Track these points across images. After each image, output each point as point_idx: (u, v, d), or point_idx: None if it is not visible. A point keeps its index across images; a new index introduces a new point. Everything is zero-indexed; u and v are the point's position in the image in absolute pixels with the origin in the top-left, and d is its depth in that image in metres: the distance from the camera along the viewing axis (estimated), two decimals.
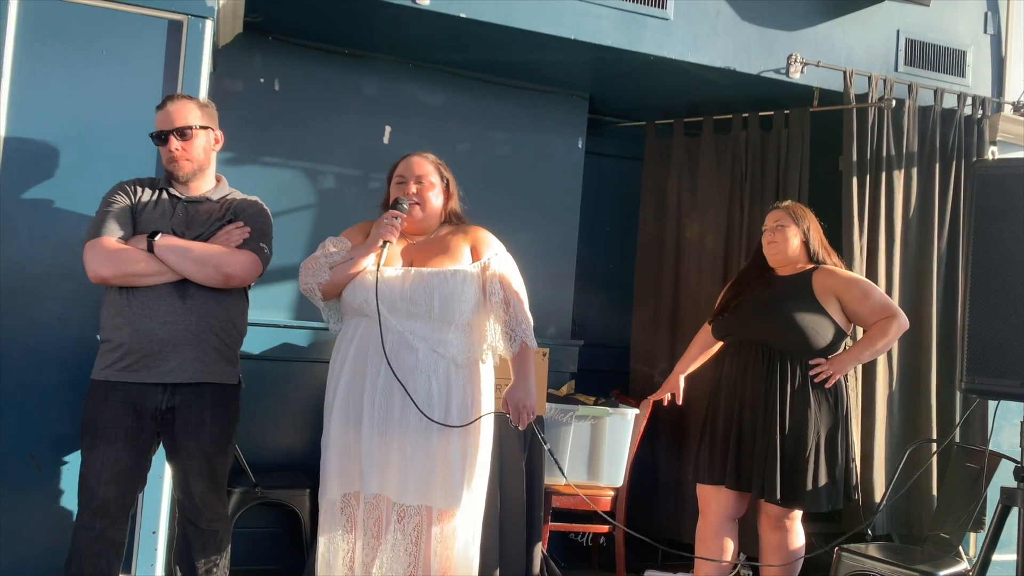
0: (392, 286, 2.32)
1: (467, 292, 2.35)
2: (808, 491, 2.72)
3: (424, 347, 2.31)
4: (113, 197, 2.32)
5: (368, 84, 3.73)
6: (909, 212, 3.73)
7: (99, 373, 2.26)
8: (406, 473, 2.29)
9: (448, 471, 2.32)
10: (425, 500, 2.30)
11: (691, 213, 4.08)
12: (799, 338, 2.77)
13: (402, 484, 2.29)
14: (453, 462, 2.32)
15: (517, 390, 2.38)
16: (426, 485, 2.30)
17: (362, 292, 2.32)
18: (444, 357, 2.33)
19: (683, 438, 3.86)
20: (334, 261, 2.37)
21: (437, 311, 2.31)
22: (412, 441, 2.29)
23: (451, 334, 2.34)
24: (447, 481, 2.31)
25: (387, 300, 2.30)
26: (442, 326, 2.33)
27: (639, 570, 3.73)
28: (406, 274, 2.35)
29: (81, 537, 2.22)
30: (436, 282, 2.32)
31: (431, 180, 2.46)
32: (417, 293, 2.31)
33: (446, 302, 2.31)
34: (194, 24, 2.68)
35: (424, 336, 2.31)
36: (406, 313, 2.31)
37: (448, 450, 2.32)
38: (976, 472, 3.05)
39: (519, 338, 2.38)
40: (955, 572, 2.83)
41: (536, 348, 2.44)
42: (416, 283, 2.33)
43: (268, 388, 3.47)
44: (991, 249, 2.19)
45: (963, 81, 3.91)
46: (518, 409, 2.36)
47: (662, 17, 3.46)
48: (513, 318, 2.39)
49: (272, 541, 3.46)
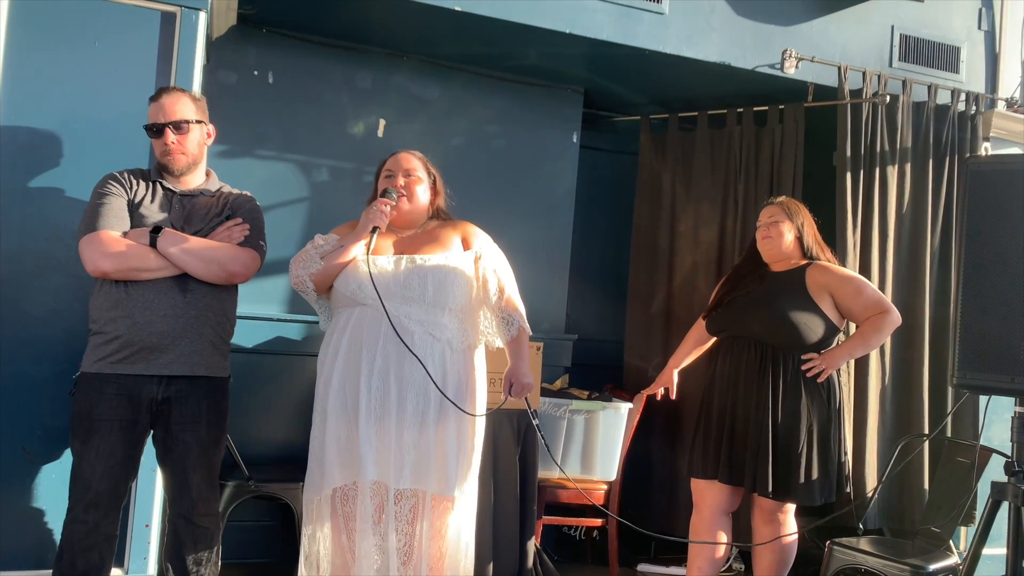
0: (386, 273, 2.36)
1: (459, 279, 2.41)
2: (800, 485, 2.73)
3: (420, 330, 2.35)
4: (106, 188, 2.30)
5: (362, 77, 3.72)
6: (902, 208, 3.74)
7: (92, 366, 2.25)
8: (402, 458, 2.31)
9: (443, 456, 2.35)
10: (420, 484, 2.33)
11: (685, 208, 4.08)
12: (792, 334, 2.78)
13: (399, 469, 2.31)
14: (448, 448, 2.36)
15: (518, 368, 2.48)
16: (421, 470, 2.33)
17: (355, 280, 2.35)
18: (440, 340, 2.38)
19: (676, 433, 3.87)
20: (324, 251, 2.42)
21: (431, 296, 2.36)
22: (409, 426, 2.32)
23: (446, 318, 2.39)
24: (442, 466, 2.35)
25: (382, 286, 2.32)
26: (436, 310, 2.37)
27: (632, 564, 3.75)
28: (399, 261, 2.39)
29: (73, 530, 2.22)
30: (430, 268, 2.37)
31: (419, 175, 2.52)
32: (411, 279, 2.36)
33: (440, 287, 2.36)
34: (187, 16, 2.67)
35: (420, 319, 2.35)
36: (401, 298, 2.34)
37: (444, 436, 2.36)
38: (967, 467, 3.06)
39: (516, 322, 2.47)
40: (946, 566, 2.85)
41: (530, 332, 2.53)
42: (409, 270, 2.37)
43: (262, 381, 3.46)
44: (984, 245, 2.20)
45: (957, 77, 3.92)
46: (520, 385, 2.46)
47: (657, 11, 3.46)
48: (509, 305, 2.48)
49: (266, 534, 3.47)
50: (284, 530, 3.40)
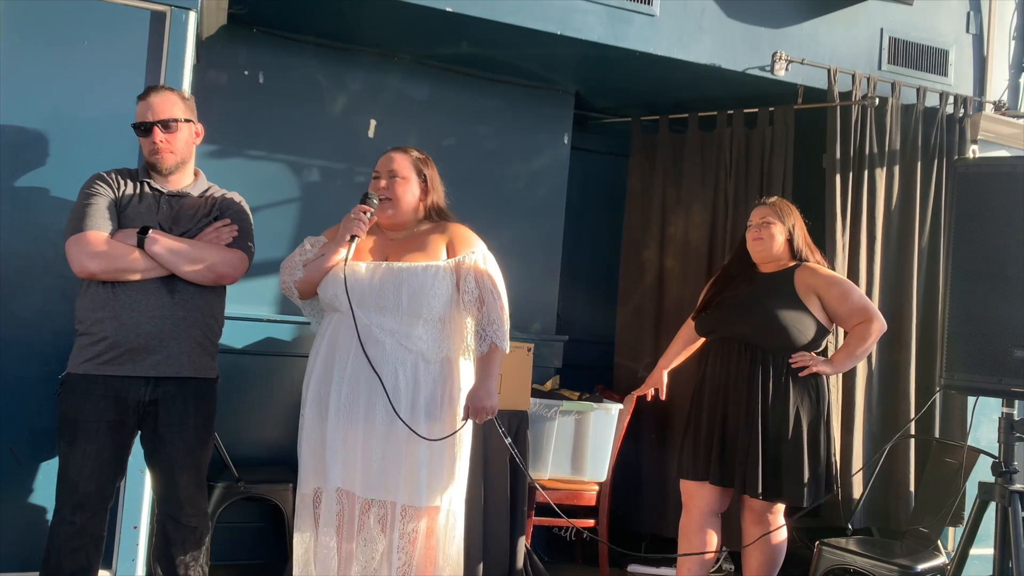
0: (361, 280, 2.34)
1: (437, 287, 2.35)
2: (790, 486, 2.74)
3: (391, 340, 2.31)
4: (93, 188, 2.29)
5: (353, 78, 3.71)
6: (891, 209, 3.76)
7: (78, 367, 2.23)
8: (370, 467, 2.30)
9: (413, 468, 2.31)
10: (388, 495, 2.30)
11: (676, 209, 4.09)
12: (781, 335, 2.79)
13: (366, 478, 2.30)
14: (419, 459, 2.31)
15: (478, 391, 2.37)
16: (389, 480, 2.30)
17: (332, 287, 2.35)
18: (412, 351, 2.33)
19: (666, 433, 3.87)
20: (307, 259, 2.42)
21: (405, 305, 2.32)
22: (377, 435, 2.30)
23: (419, 328, 2.34)
24: (411, 478, 2.31)
25: (356, 294, 2.31)
26: (410, 320, 2.33)
27: (622, 564, 3.75)
28: (376, 268, 2.36)
29: (60, 532, 2.20)
30: (405, 276, 2.33)
31: (404, 175, 2.45)
32: (386, 287, 2.32)
33: (414, 296, 2.31)
34: (177, 15, 2.66)
35: (391, 330, 2.32)
36: (374, 307, 2.32)
37: (414, 447, 2.31)
38: (955, 467, 3.08)
39: (489, 338, 2.37)
40: (934, 566, 2.87)
41: (506, 351, 2.41)
42: (385, 277, 2.34)
43: (251, 382, 3.45)
44: (971, 247, 2.22)
45: (945, 80, 3.94)
46: (477, 410, 2.35)
47: (648, 13, 3.47)
48: (486, 317, 2.38)
49: (255, 536, 3.45)
50: (274, 531, 3.38)
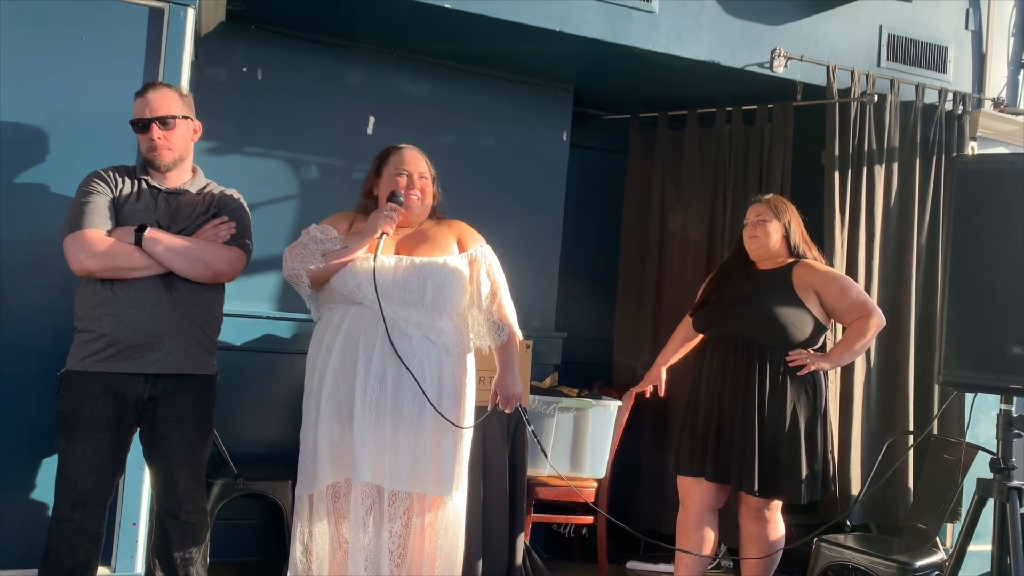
0: (385, 274, 2.34)
1: (457, 282, 2.40)
2: (787, 482, 2.75)
3: (418, 334, 2.34)
4: (91, 186, 2.28)
5: (352, 74, 3.71)
6: (890, 206, 3.76)
7: (77, 364, 2.23)
8: (398, 460, 2.30)
9: (440, 459, 2.35)
10: (416, 487, 2.32)
11: (675, 206, 4.09)
12: (779, 332, 2.79)
13: (394, 471, 2.30)
14: (445, 450, 2.35)
15: (505, 378, 2.46)
16: (418, 473, 2.32)
17: (354, 279, 2.32)
18: (437, 344, 2.37)
19: (665, 430, 3.88)
20: (326, 249, 2.36)
21: (430, 299, 2.34)
22: (405, 428, 2.31)
23: (443, 322, 2.39)
24: (439, 469, 2.34)
25: (380, 287, 2.30)
26: (434, 314, 2.37)
27: (621, 561, 3.75)
28: (399, 263, 2.37)
29: (59, 529, 2.20)
30: (429, 271, 2.35)
31: (429, 176, 2.50)
32: (410, 281, 2.34)
33: (439, 290, 2.35)
34: (175, 12, 2.65)
35: (418, 323, 2.34)
36: (399, 300, 2.33)
37: (441, 438, 2.35)
38: (953, 464, 3.09)
39: (507, 328, 2.45)
40: (932, 562, 2.87)
41: (522, 338, 2.50)
42: (409, 272, 2.35)
43: (250, 379, 3.45)
44: (970, 244, 2.21)
45: (944, 77, 3.94)
46: (507, 397, 2.44)
47: (647, 10, 3.47)
48: (501, 309, 2.46)
49: (254, 533, 3.45)
50: (273, 528, 3.39)
